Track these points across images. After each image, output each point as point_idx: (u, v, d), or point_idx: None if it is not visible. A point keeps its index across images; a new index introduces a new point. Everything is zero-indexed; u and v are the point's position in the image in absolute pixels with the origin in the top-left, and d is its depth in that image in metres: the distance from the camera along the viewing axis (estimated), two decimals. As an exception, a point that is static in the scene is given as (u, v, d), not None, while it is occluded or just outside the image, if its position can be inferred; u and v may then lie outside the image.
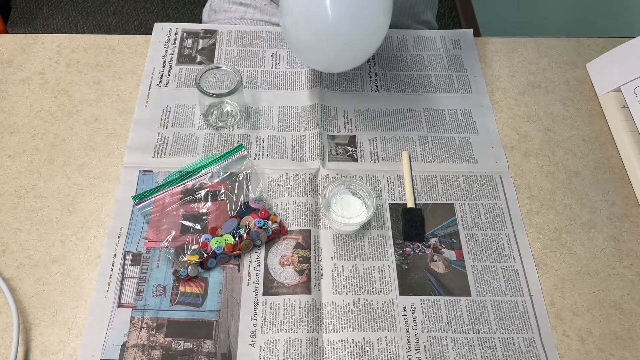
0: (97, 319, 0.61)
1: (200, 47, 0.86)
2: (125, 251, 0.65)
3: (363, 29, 0.66)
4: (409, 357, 0.60)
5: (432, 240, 0.68)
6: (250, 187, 0.70)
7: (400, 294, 0.64)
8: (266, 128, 0.77)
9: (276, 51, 0.86)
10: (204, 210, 0.68)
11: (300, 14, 0.67)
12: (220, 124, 0.76)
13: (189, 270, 0.63)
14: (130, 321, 0.61)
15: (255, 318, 0.62)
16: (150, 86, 0.80)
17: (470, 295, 0.64)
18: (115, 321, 0.61)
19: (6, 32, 1.07)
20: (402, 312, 0.63)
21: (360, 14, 0.65)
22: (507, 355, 0.60)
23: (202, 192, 0.69)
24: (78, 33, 1.67)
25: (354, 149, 0.76)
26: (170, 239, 0.65)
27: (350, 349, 0.60)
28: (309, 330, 0.61)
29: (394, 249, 0.67)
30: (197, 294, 0.63)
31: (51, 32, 1.96)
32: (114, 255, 0.65)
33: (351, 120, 0.79)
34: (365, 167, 0.74)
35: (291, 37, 0.70)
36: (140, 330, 0.60)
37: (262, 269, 0.65)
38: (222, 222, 0.67)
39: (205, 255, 0.64)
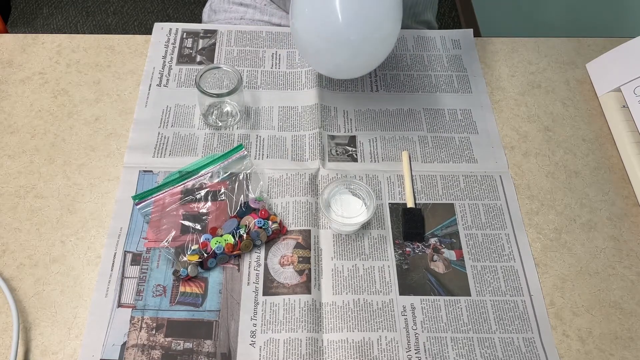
0: (97, 319, 0.61)
1: (200, 47, 0.86)
2: (125, 251, 0.65)
3: (373, 36, 0.66)
4: (408, 357, 0.60)
5: (432, 240, 0.68)
6: (250, 187, 0.70)
7: (400, 294, 0.64)
8: (266, 128, 0.77)
9: (276, 51, 0.86)
10: (204, 210, 0.68)
11: (311, 18, 0.67)
12: (220, 124, 0.76)
13: (189, 270, 0.63)
14: (130, 321, 0.61)
15: (255, 318, 0.62)
16: (150, 86, 0.80)
17: (470, 295, 0.64)
18: (115, 321, 0.61)
19: (6, 32, 1.08)
20: (402, 312, 0.63)
21: (371, 21, 0.65)
22: (507, 355, 0.60)
23: (202, 192, 0.69)
24: (78, 33, 1.67)
25: (354, 149, 0.76)
26: (170, 239, 0.65)
27: (350, 349, 0.60)
28: (308, 330, 0.61)
29: (394, 249, 0.67)
30: (197, 294, 0.63)
31: (51, 32, 1.96)
32: (114, 255, 0.65)
33: (351, 120, 0.79)
34: (365, 167, 0.74)
35: (301, 41, 0.70)
36: (140, 330, 0.60)
37: (262, 269, 0.65)
38: (222, 222, 0.67)
39: (205, 255, 0.64)
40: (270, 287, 0.64)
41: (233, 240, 0.64)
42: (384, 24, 0.66)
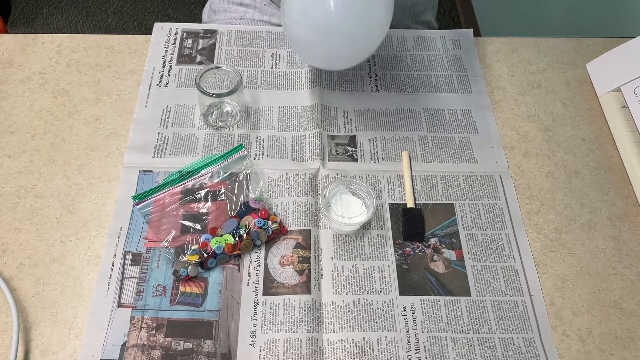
0: (97, 319, 0.61)
1: (200, 47, 0.86)
2: (125, 251, 0.65)
3: (365, 25, 0.66)
4: (408, 357, 0.60)
5: (432, 240, 0.68)
6: (250, 187, 0.70)
7: (400, 294, 0.64)
8: (266, 128, 0.77)
9: (276, 51, 0.86)
10: (204, 210, 0.68)
11: (302, 9, 0.67)
12: (220, 124, 0.76)
13: (189, 270, 0.63)
14: (130, 321, 0.61)
15: (255, 318, 0.62)
16: (150, 86, 0.80)
17: (470, 295, 0.64)
18: (115, 321, 0.61)
19: (6, 32, 1.08)
20: (402, 312, 0.63)
21: (362, 10, 0.65)
22: (507, 355, 0.60)
23: (202, 192, 0.69)
24: (78, 33, 1.67)
25: (354, 149, 0.76)
26: (170, 239, 0.65)
27: (350, 349, 0.60)
28: (309, 330, 0.61)
29: (394, 249, 0.67)
30: (197, 294, 0.63)
31: (51, 32, 1.96)
32: (114, 255, 0.65)
33: (351, 120, 0.79)
34: (365, 167, 0.74)
35: (292, 32, 0.69)
36: (140, 330, 0.60)
37: (262, 269, 0.65)
38: (222, 222, 0.67)
39: (205, 255, 0.64)
40: (270, 287, 0.64)
41: (233, 240, 0.64)
42: (376, 13, 0.66)
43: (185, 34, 0.87)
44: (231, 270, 0.65)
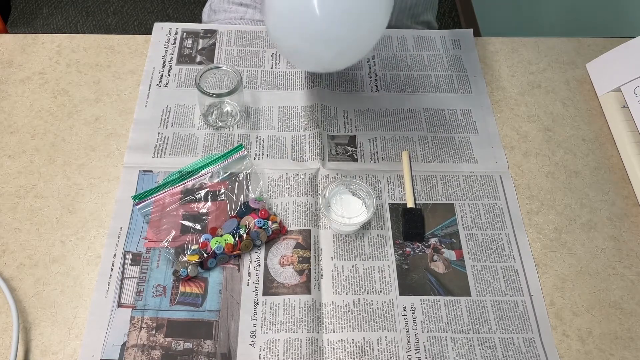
0: (97, 319, 0.61)
1: (200, 47, 0.86)
2: (125, 251, 0.65)
3: (356, 28, 0.61)
4: (408, 357, 0.60)
5: (432, 240, 0.68)
6: (250, 187, 0.70)
7: (400, 294, 0.64)
8: (266, 128, 0.77)
9: (276, 51, 0.86)
10: (204, 210, 0.68)
11: (285, 15, 0.62)
12: (220, 124, 0.76)
13: (188, 270, 0.63)
14: (130, 321, 0.61)
15: (255, 318, 0.62)
16: (150, 86, 0.80)
17: (470, 295, 0.64)
18: (115, 321, 0.61)
19: (6, 32, 1.08)
20: (402, 312, 0.63)
21: (353, 12, 0.59)
22: (507, 355, 0.60)
23: (202, 192, 0.69)
24: (78, 33, 1.67)
25: (354, 149, 0.76)
26: (170, 239, 0.65)
27: (350, 349, 0.60)
28: (309, 330, 0.61)
29: (394, 249, 0.67)
30: (197, 294, 0.63)
31: (51, 32, 1.96)
32: (114, 255, 0.65)
33: (351, 120, 0.79)
34: (365, 167, 0.74)
35: (277, 40, 0.65)
36: (140, 330, 0.60)
37: (262, 269, 0.65)
38: (222, 222, 0.67)
39: (205, 255, 0.64)
40: (270, 287, 0.64)
41: (233, 240, 0.64)
42: (368, 14, 0.60)
43: (185, 34, 0.87)
44: (231, 270, 0.65)
